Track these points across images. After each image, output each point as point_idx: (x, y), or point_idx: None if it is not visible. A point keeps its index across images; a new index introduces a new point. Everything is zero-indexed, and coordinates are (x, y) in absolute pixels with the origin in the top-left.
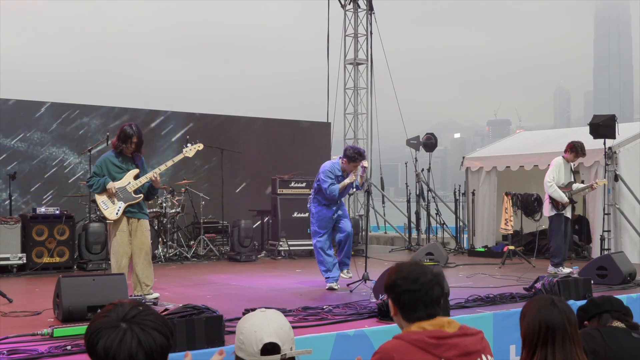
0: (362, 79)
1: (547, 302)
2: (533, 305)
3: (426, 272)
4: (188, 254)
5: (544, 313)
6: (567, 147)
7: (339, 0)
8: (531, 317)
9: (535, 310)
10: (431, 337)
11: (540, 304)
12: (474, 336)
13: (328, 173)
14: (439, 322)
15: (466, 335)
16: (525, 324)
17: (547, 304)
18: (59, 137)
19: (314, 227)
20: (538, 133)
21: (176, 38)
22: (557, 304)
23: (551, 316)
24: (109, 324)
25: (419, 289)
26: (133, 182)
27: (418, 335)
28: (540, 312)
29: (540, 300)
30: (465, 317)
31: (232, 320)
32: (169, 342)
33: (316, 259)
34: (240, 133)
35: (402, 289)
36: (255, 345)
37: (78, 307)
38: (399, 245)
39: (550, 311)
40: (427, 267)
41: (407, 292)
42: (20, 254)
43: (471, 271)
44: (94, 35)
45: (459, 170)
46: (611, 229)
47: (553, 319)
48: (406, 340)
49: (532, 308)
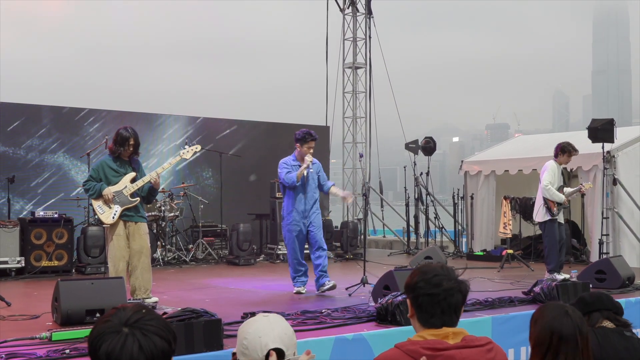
0: (361, 82)
1: (561, 311)
2: (546, 312)
3: (450, 277)
4: (187, 257)
5: (557, 323)
6: (558, 150)
7: (338, 5)
8: (543, 325)
9: (549, 318)
10: (427, 348)
11: (554, 313)
12: (478, 348)
13: (282, 165)
14: (443, 332)
15: (468, 347)
16: (537, 330)
17: (561, 313)
18: (58, 140)
19: (284, 230)
20: (537, 137)
21: (175, 42)
22: (571, 314)
23: (564, 326)
24: (111, 328)
25: (438, 294)
26: (130, 185)
27: (414, 345)
28: (553, 322)
29: (554, 309)
30: (464, 321)
31: (231, 324)
32: (171, 347)
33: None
34: (239, 136)
35: (422, 291)
36: (260, 350)
37: (76, 310)
38: (397, 249)
39: (564, 321)
40: (452, 273)
41: (427, 295)
42: (18, 257)
43: (470, 275)
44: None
45: (458, 174)
46: (610, 233)
47: (565, 329)
48: (403, 350)
49: (545, 315)
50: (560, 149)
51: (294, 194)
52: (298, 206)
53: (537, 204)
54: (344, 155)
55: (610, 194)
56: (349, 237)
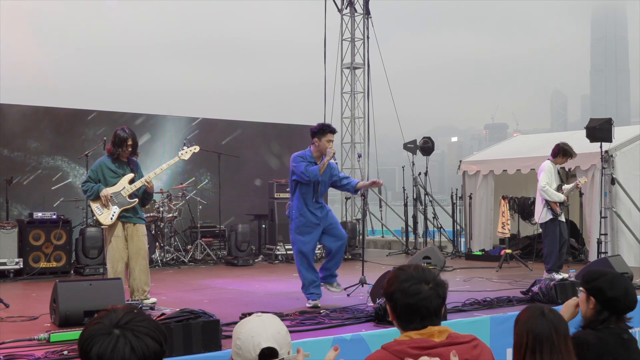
0: (359, 83)
1: (537, 312)
2: (524, 313)
3: (428, 280)
4: (185, 258)
5: (532, 323)
6: (556, 151)
7: (336, 5)
8: (520, 325)
9: (525, 319)
10: (414, 348)
11: (530, 314)
12: (463, 344)
13: (298, 159)
14: (429, 331)
15: (454, 345)
16: (516, 332)
17: (537, 314)
18: (56, 141)
19: (292, 234)
20: (535, 137)
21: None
22: (547, 314)
23: (538, 326)
24: (102, 330)
25: (416, 303)
26: (128, 186)
27: (401, 345)
28: (528, 322)
29: (530, 310)
30: (462, 321)
31: (229, 324)
32: (162, 348)
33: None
34: (237, 137)
35: (399, 302)
36: (252, 350)
37: (75, 312)
38: (396, 249)
39: (538, 321)
40: (429, 275)
41: (405, 305)
42: (17, 258)
43: (468, 275)
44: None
45: (456, 174)
46: (608, 232)
47: (540, 329)
48: (390, 351)
49: (523, 317)
50: (560, 150)
51: (307, 192)
52: (311, 206)
53: (538, 204)
54: (343, 155)
55: (609, 193)
56: (347, 237)
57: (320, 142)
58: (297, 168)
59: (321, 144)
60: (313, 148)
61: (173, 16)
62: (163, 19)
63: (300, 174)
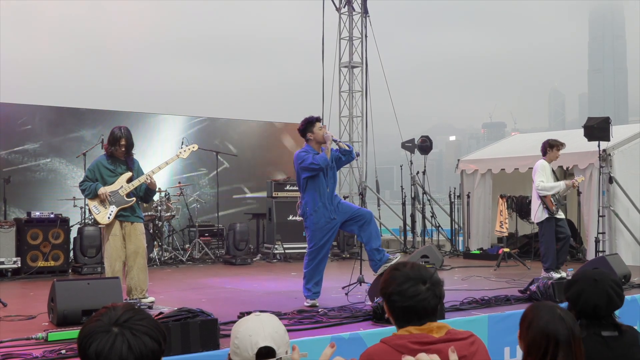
0: (357, 81)
1: (555, 314)
2: (539, 314)
3: (425, 279)
4: (183, 257)
5: (553, 327)
6: (544, 148)
7: (334, 4)
8: (538, 329)
9: (543, 321)
10: (414, 343)
11: (548, 316)
12: (461, 341)
13: (302, 154)
14: (428, 327)
15: (452, 341)
16: (531, 334)
17: (555, 317)
18: (54, 141)
19: (308, 232)
20: (533, 136)
21: (171, 41)
22: (564, 317)
23: (559, 331)
24: (100, 328)
25: (414, 305)
26: (125, 185)
27: (402, 340)
28: (548, 325)
29: (547, 311)
30: (460, 320)
31: (227, 323)
32: (160, 347)
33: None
34: (235, 135)
35: (397, 304)
36: (250, 349)
37: (73, 311)
38: (394, 248)
39: (559, 326)
40: (425, 274)
41: (401, 307)
42: (14, 257)
43: (466, 273)
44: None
45: (454, 172)
46: (606, 231)
47: (561, 334)
48: (390, 345)
49: (539, 318)
50: (547, 145)
51: (319, 185)
52: (325, 197)
53: (534, 204)
54: None
55: (607, 192)
56: (345, 236)
57: (314, 133)
58: (306, 161)
59: (316, 135)
60: (310, 143)
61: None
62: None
63: (310, 165)
